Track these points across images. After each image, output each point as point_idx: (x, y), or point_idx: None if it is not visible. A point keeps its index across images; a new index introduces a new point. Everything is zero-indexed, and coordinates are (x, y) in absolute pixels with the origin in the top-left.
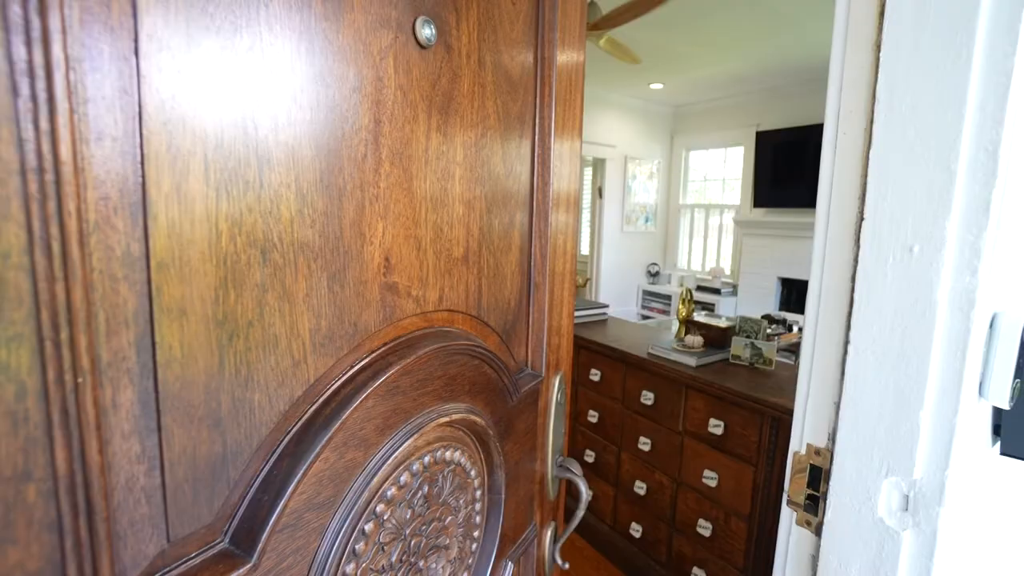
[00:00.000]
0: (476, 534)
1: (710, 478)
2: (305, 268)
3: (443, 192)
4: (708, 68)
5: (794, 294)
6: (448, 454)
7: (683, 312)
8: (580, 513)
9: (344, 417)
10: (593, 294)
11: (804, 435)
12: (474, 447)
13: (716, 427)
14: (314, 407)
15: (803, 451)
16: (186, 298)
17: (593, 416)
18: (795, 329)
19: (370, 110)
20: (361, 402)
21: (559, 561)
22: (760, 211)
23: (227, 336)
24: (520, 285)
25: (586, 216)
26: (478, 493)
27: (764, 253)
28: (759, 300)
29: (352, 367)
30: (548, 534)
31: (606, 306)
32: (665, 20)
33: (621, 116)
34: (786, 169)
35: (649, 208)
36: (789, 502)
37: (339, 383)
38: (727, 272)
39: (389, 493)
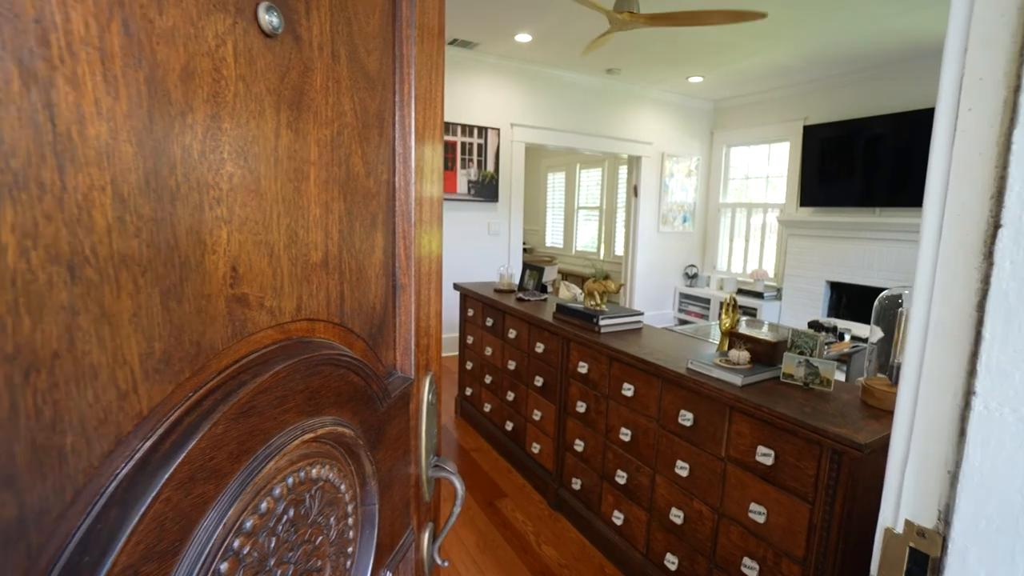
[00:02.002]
0: (350, 549)
1: (757, 512)
2: (130, 284)
3: (297, 193)
4: (751, 59)
5: (844, 299)
6: (315, 471)
7: (727, 323)
8: (456, 509)
9: (188, 449)
10: (628, 297)
11: (900, 508)
12: (344, 460)
13: (765, 456)
14: (149, 443)
15: (899, 528)
16: None
17: (625, 434)
18: (847, 337)
19: (206, 103)
20: (209, 430)
21: (439, 560)
22: (807, 210)
23: (21, 373)
24: (385, 288)
25: (621, 216)
26: (350, 507)
27: (811, 255)
28: (805, 305)
29: (196, 392)
30: (426, 536)
31: (640, 314)
32: (704, 6)
33: (658, 112)
34: (836, 166)
35: (687, 207)
36: None
37: (180, 411)
38: (770, 275)
39: (248, 524)
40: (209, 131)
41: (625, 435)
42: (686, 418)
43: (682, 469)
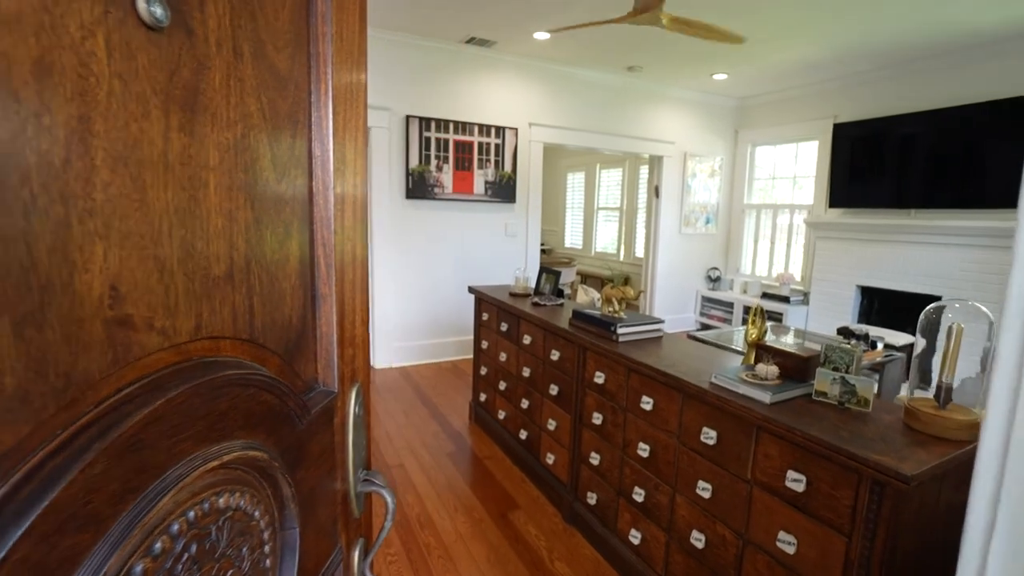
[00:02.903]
0: None
1: (786, 542)
2: None
3: (194, 203)
4: (779, 55)
5: (876, 304)
6: (223, 501)
7: (753, 334)
8: (388, 524)
9: (52, 497)
10: (647, 300)
11: None
12: (258, 484)
13: (796, 482)
14: None
15: None
16: None
17: (644, 449)
18: (879, 346)
19: (71, 102)
20: (82, 471)
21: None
22: (836, 212)
23: None
24: (303, 299)
25: (641, 217)
26: (266, 534)
27: (841, 258)
28: (834, 310)
29: (65, 429)
30: (356, 553)
31: (661, 321)
32: (730, 2)
33: (680, 111)
34: (867, 165)
35: (710, 208)
36: None
37: (42, 454)
38: (797, 278)
39: (138, 569)
40: (75, 135)
41: (643, 450)
42: (709, 436)
43: (704, 490)
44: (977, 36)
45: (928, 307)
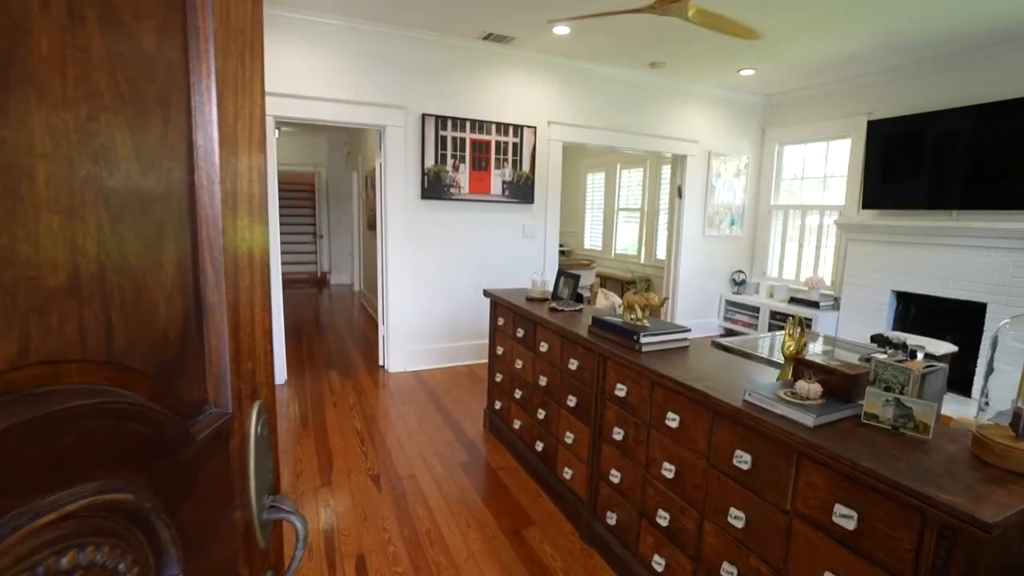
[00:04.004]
0: None
1: None
2: None
3: (13, 198)
4: (811, 48)
5: (912, 310)
6: (66, 561)
7: (791, 346)
8: (299, 553)
9: None
10: (670, 304)
11: None
12: (124, 531)
13: (845, 518)
14: None
15: None
16: None
17: (669, 470)
18: (920, 356)
19: None
20: None
21: None
22: (870, 213)
23: None
24: (183, 311)
25: (663, 218)
26: None
27: (874, 262)
28: (867, 316)
29: None
30: None
31: (687, 330)
32: None
33: (704, 109)
34: (904, 164)
35: (735, 209)
36: None
37: None
38: (827, 282)
39: None
40: None
41: (668, 471)
42: (742, 459)
43: (736, 519)
44: None
45: (1003, 322)
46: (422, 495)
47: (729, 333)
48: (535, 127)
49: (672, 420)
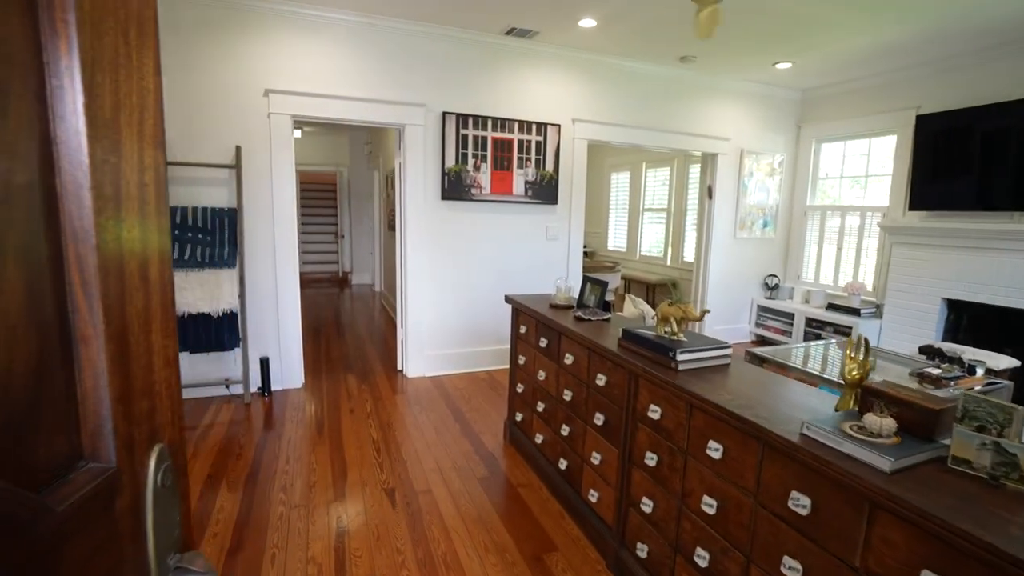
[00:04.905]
0: None
1: None
2: None
3: None
4: (854, 39)
5: (964, 320)
6: None
7: (855, 371)
8: None
9: None
10: (699, 309)
11: None
12: None
13: None
14: None
15: None
16: None
17: (709, 504)
18: (979, 371)
19: None
20: None
21: None
22: (917, 215)
23: None
24: (41, 346)
25: (690, 219)
26: None
27: (922, 267)
28: (913, 325)
29: None
30: None
31: (728, 346)
32: None
33: (737, 104)
34: (956, 162)
35: (768, 210)
36: None
37: None
38: (868, 288)
39: None
40: None
41: (709, 505)
42: (800, 503)
43: (792, 570)
44: None
45: None
46: (438, 513)
47: (761, 340)
48: (559, 125)
49: (714, 450)
